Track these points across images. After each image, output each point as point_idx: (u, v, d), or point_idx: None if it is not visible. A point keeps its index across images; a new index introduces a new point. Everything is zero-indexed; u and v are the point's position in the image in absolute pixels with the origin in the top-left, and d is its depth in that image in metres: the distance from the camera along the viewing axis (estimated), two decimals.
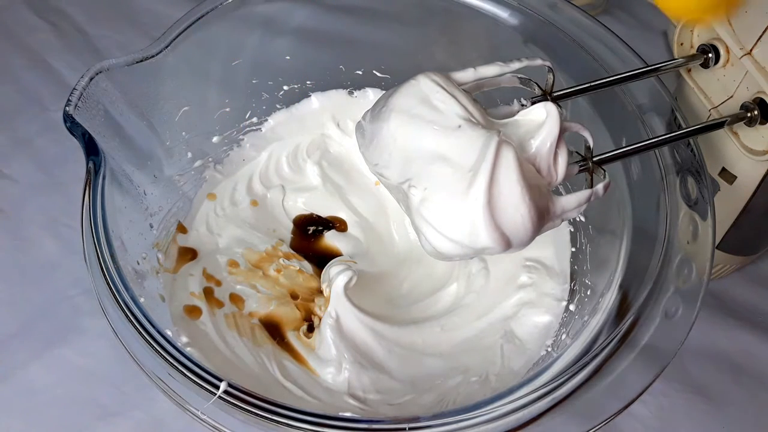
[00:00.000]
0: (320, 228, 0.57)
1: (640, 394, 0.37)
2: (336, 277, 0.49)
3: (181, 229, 0.54)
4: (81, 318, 0.55)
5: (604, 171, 0.41)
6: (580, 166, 0.41)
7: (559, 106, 0.38)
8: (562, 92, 0.42)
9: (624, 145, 0.42)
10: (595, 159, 0.41)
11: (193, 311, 0.49)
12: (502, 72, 0.42)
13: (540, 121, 0.39)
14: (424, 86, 0.39)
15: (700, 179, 0.43)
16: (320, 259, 0.55)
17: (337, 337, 0.48)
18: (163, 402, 0.49)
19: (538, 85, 0.42)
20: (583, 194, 0.40)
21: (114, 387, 0.52)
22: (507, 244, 0.36)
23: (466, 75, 0.41)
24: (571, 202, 0.39)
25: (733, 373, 0.55)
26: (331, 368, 0.48)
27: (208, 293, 0.50)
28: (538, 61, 0.42)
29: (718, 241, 0.47)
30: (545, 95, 0.41)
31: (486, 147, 0.35)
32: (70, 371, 0.53)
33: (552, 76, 0.41)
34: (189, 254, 0.53)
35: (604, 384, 0.37)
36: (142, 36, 0.71)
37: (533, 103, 0.40)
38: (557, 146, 0.38)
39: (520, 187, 0.35)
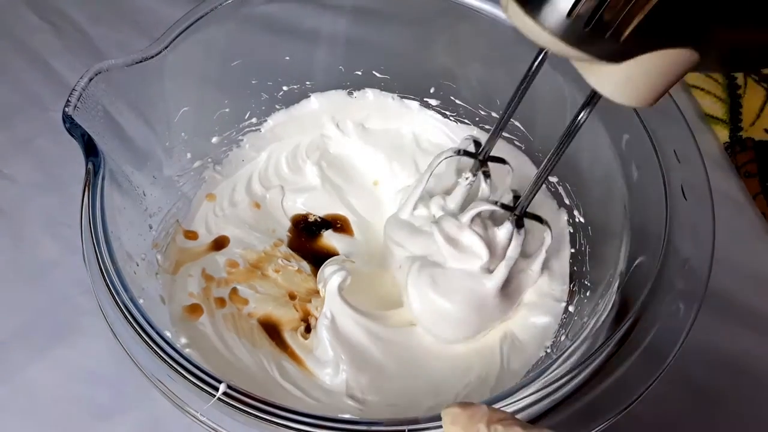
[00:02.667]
0: (318, 226, 0.57)
1: (641, 396, 0.37)
2: (330, 277, 0.49)
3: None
4: (81, 318, 0.55)
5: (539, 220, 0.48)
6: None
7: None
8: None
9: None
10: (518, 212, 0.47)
11: (192, 312, 0.49)
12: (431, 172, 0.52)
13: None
14: None
15: (699, 179, 0.43)
16: (319, 259, 0.55)
17: (333, 338, 0.48)
18: (162, 402, 0.49)
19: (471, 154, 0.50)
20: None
21: (114, 387, 0.52)
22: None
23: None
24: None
25: (733, 373, 0.55)
26: (328, 369, 0.48)
27: (207, 294, 0.50)
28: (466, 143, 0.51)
29: None
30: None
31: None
32: (70, 371, 0.53)
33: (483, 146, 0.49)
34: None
35: (604, 385, 0.37)
36: (142, 36, 0.71)
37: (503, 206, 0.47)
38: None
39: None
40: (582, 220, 0.52)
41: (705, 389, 0.54)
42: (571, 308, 0.50)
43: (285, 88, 0.59)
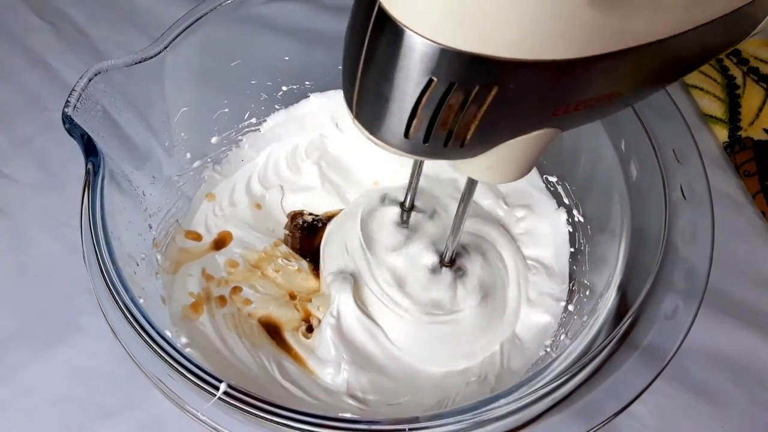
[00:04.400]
0: (314, 227, 0.58)
1: (640, 395, 0.37)
2: (342, 283, 0.49)
3: (191, 235, 0.54)
4: (81, 318, 0.55)
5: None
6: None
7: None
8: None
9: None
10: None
11: (192, 312, 0.49)
12: None
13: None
14: None
15: (699, 178, 0.43)
16: (318, 258, 0.55)
17: (336, 338, 0.48)
18: (163, 402, 0.49)
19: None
20: None
21: (114, 387, 0.52)
22: None
23: None
24: None
25: (733, 373, 0.54)
26: (330, 369, 0.48)
27: (207, 293, 0.50)
28: None
29: None
30: None
31: None
32: (70, 371, 0.53)
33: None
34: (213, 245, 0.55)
35: (604, 384, 0.37)
36: (142, 36, 0.71)
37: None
38: None
39: None
40: (581, 219, 0.52)
41: (704, 388, 0.54)
42: (570, 307, 0.50)
43: (284, 88, 0.59)
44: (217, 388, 0.35)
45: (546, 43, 0.24)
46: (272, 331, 0.50)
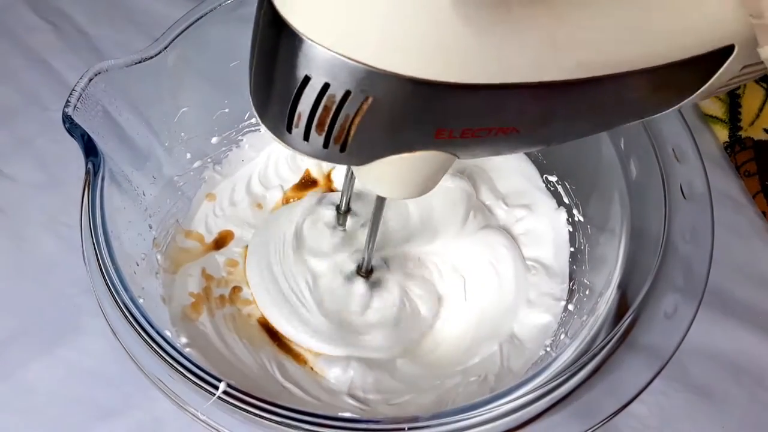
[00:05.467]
0: None
1: (639, 394, 0.37)
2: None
3: (191, 235, 0.54)
4: (81, 318, 0.55)
5: None
6: None
7: None
8: None
9: None
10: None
11: (192, 312, 0.49)
12: None
13: None
14: None
15: (698, 177, 0.43)
16: None
17: None
18: (163, 402, 0.49)
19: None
20: None
21: (114, 387, 0.52)
22: None
23: None
24: None
25: (733, 373, 0.54)
26: (336, 368, 0.48)
27: (207, 293, 0.50)
28: None
29: None
30: None
31: None
32: (69, 371, 0.53)
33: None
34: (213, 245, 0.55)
35: (603, 383, 0.37)
36: (142, 36, 0.71)
37: None
38: None
39: None
40: (581, 218, 0.53)
41: (704, 388, 0.54)
42: (570, 307, 0.50)
43: None
44: (217, 388, 0.36)
45: (418, 59, 0.24)
46: (272, 331, 0.50)
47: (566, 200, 0.54)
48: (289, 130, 0.28)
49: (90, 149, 0.41)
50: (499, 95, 0.26)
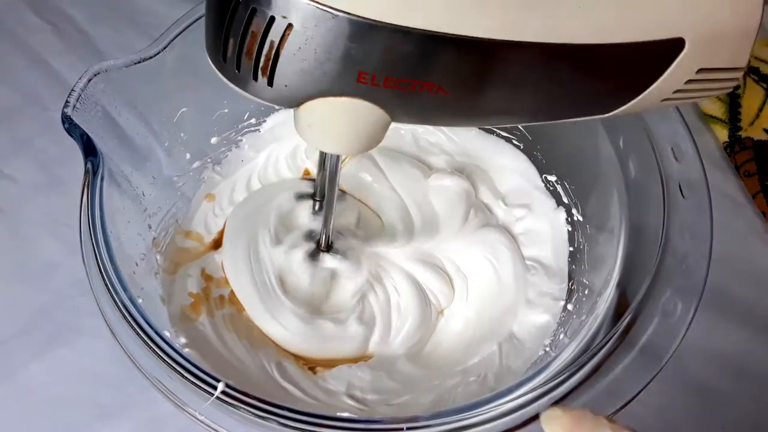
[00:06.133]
0: None
1: (638, 394, 0.37)
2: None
3: (190, 236, 0.54)
4: (81, 318, 0.55)
5: None
6: None
7: None
8: None
9: None
10: None
11: (191, 312, 0.49)
12: None
13: None
14: None
15: (697, 176, 0.43)
16: None
17: None
18: (162, 403, 0.49)
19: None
20: None
21: (114, 387, 0.52)
22: None
23: None
24: None
25: (732, 373, 0.54)
26: (335, 369, 0.48)
27: (206, 294, 0.50)
28: None
29: None
30: None
31: None
32: (70, 371, 0.53)
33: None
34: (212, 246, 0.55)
35: (602, 383, 0.37)
36: (142, 36, 0.71)
37: None
38: None
39: None
40: (580, 218, 0.52)
41: (703, 388, 0.54)
42: (569, 307, 0.50)
43: None
44: (215, 388, 0.36)
45: None
46: None
47: (565, 200, 0.54)
48: (225, 60, 0.29)
49: (89, 149, 0.41)
50: (418, 44, 0.27)
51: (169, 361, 0.36)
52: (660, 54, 0.30)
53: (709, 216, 0.42)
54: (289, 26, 0.26)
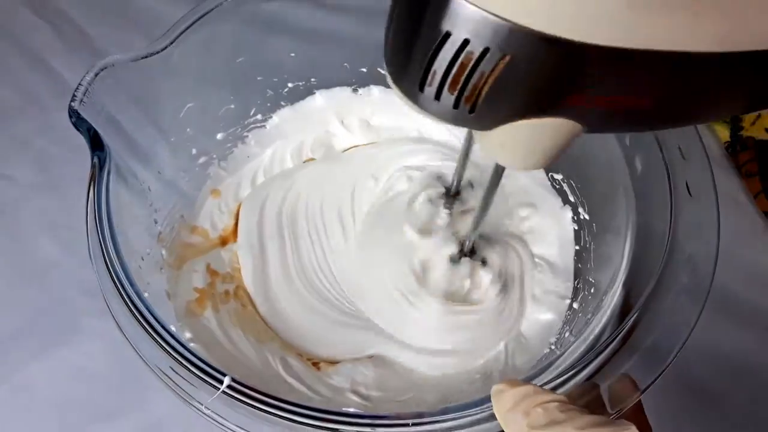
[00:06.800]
0: None
1: (642, 392, 0.37)
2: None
3: (196, 231, 0.54)
4: (80, 318, 0.55)
5: None
6: None
7: None
8: None
9: None
10: None
11: (196, 307, 0.49)
12: None
13: None
14: None
15: (704, 175, 0.43)
16: None
17: None
18: (161, 403, 0.50)
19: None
20: None
21: (113, 388, 0.52)
22: None
23: None
24: None
25: (733, 373, 0.54)
26: (339, 365, 0.48)
27: (212, 289, 0.50)
28: None
29: None
30: None
31: None
32: (69, 371, 0.53)
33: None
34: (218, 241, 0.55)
35: (605, 384, 0.37)
36: (142, 36, 0.71)
37: None
38: None
39: None
40: (587, 217, 0.52)
41: (706, 388, 0.54)
42: (575, 305, 0.50)
43: (290, 84, 0.59)
44: (221, 382, 0.35)
45: (564, 19, 0.24)
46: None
47: (572, 198, 0.54)
48: (422, 89, 0.28)
49: (96, 143, 0.41)
50: (638, 63, 0.26)
51: (176, 355, 0.36)
52: None
53: (716, 214, 0.41)
54: (503, 56, 0.25)
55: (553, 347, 0.48)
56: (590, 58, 0.25)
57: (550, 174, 0.57)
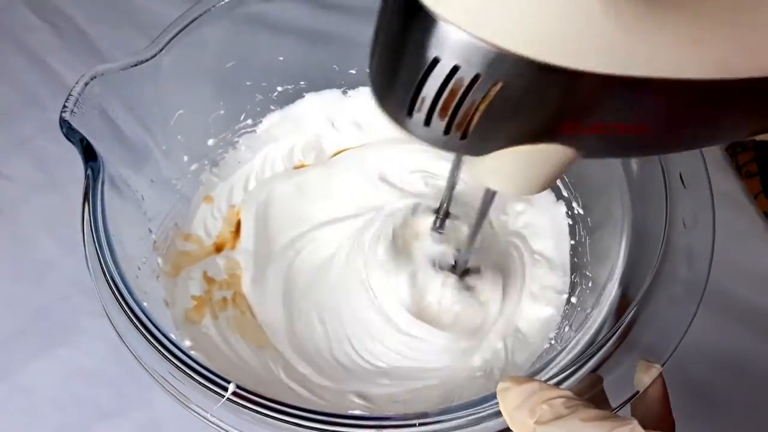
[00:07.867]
0: None
1: (640, 393, 0.37)
2: None
3: (190, 238, 0.54)
4: (80, 318, 0.55)
5: None
6: None
7: None
8: None
9: None
10: None
11: (195, 314, 0.49)
12: None
13: None
14: None
15: (698, 166, 0.43)
16: None
17: None
18: (161, 403, 0.50)
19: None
20: None
21: (113, 388, 0.52)
22: None
23: None
24: None
25: (733, 373, 0.54)
26: None
27: (209, 296, 0.50)
28: None
29: None
30: None
31: None
32: (69, 371, 0.53)
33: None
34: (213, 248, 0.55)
35: (604, 382, 0.37)
36: (141, 36, 0.70)
37: None
38: None
39: None
40: (581, 211, 0.53)
41: (704, 388, 0.54)
42: (573, 299, 0.50)
43: (279, 88, 0.59)
44: (226, 389, 0.35)
45: (556, 45, 0.23)
46: None
47: (565, 193, 0.54)
48: (410, 114, 0.27)
49: (89, 154, 0.41)
50: (634, 89, 0.25)
51: (179, 364, 0.36)
52: None
53: (711, 204, 0.41)
54: (495, 83, 0.24)
55: (552, 342, 0.48)
56: (585, 85, 0.25)
57: None
